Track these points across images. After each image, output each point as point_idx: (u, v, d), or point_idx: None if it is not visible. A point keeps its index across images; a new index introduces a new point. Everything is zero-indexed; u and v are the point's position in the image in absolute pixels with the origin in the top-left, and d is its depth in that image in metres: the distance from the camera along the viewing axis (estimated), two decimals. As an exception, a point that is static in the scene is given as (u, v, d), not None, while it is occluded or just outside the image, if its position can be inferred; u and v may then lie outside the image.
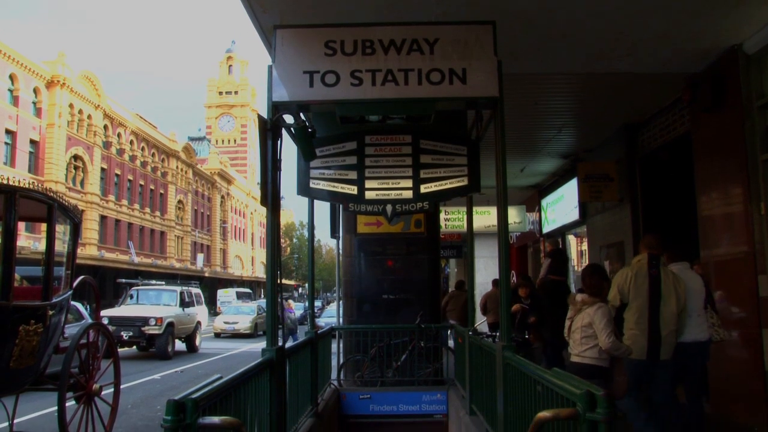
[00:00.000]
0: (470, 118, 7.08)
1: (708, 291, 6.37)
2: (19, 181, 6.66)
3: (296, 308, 38.90)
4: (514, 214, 17.20)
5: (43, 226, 7.18)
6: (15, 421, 7.12)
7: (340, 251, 11.78)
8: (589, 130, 11.29)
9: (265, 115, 5.24)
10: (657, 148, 9.85)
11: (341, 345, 10.71)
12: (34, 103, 38.24)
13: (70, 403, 7.29)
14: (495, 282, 13.41)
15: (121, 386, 8.62)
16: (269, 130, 5.15)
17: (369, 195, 6.46)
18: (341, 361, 10.56)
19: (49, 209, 6.89)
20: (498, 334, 7.99)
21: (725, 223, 7.53)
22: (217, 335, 30.17)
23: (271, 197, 5.06)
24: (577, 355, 5.70)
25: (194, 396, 3.08)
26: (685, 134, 8.67)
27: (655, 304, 5.80)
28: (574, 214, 13.42)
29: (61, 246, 7.75)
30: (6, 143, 35.39)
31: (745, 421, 6.88)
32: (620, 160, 10.77)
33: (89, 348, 7.81)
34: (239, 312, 32.86)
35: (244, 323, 30.95)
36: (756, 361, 6.76)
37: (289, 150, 11.52)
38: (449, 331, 11.76)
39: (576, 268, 15.02)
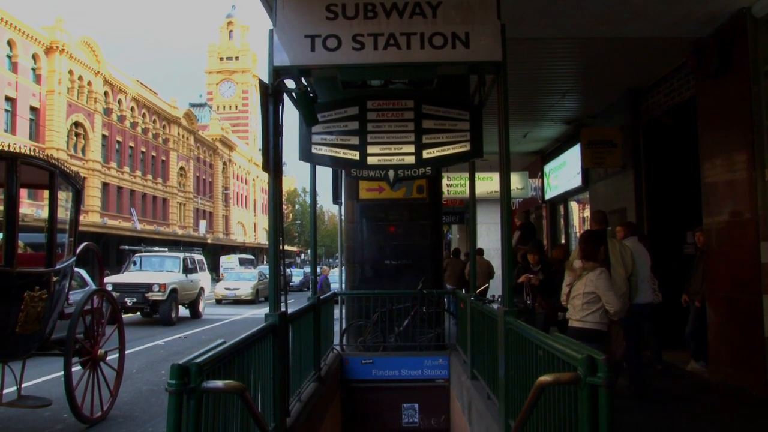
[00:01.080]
0: (473, 83, 7.03)
1: (652, 260, 7.22)
2: (20, 148, 6.65)
3: (297, 273, 39.03)
4: (516, 180, 17.17)
5: (46, 194, 7.18)
6: (22, 385, 7.21)
7: (342, 217, 11.78)
8: (593, 96, 11.20)
9: (266, 80, 5.20)
10: (661, 114, 9.78)
11: (344, 311, 10.78)
12: (34, 70, 37.99)
13: (76, 368, 7.37)
14: (480, 251, 13.89)
15: (126, 352, 8.71)
16: (270, 96, 5.11)
17: (371, 160, 6.44)
18: (344, 326, 10.63)
19: (50, 176, 6.88)
20: (496, 298, 8.14)
21: (728, 190, 7.51)
22: (218, 301, 30.28)
23: (273, 163, 5.04)
24: (578, 320, 5.71)
25: (198, 360, 3.10)
26: (690, 100, 8.60)
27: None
28: (576, 181, 13.37)
29: (63, 213, 7.76)
30: (6, 110, 35.25)
31: (744, 386, 6.94)
32: (624, 126, 10.70)
33: (93, 314, 7.87)
34: (240, 278, 32.86)
35: (245, 289, 30.98)
36: (756, 327, 6.80)
37: (290, 116, 11.47)
38: (451, 297, 11.83)
39: (577, 234, 15.03)
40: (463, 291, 11.50)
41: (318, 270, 5.36)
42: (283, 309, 5.26)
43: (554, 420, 3.61)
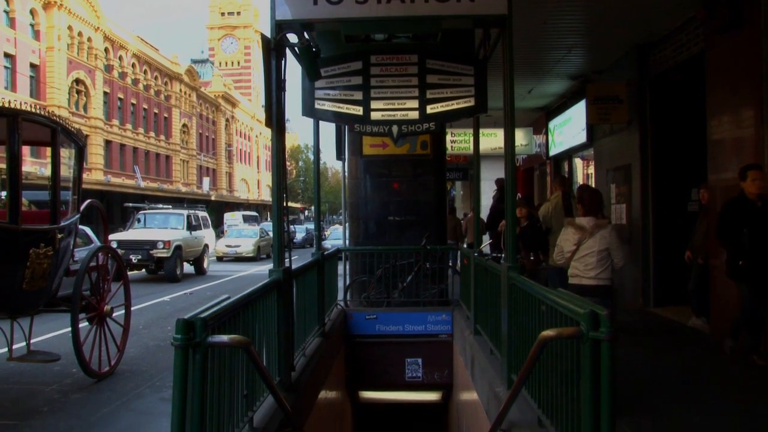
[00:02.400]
0: (477, 38, 6.93)
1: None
2: (20, 105, 6.60)
3: (300, 230, 38.98)
4: (520, 137, 17.05)
5: (48, 151, 7.15)
6: (31, 341, 7.29)
7: (346, 173, 11.75)
8: (599, 51, 11.04)
9: (268, 35, 5.13)
10: (669, 69, 9.64)
11: (348, 266, 10.83)
12: (32, 26, 37.53)
13: (83, 324, 7.44)
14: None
15: (132, 308, 8.78)
16: (273, 50, 5.05)
17: (375, 115, 6.40)
18: (347, 282, 10.69)
19: (52, 133, 6.85)
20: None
21: (735, 147, 7.44)
22: (219, 259, 30.17)
23: (276, 119, 5.01)
24: (593, 278, 5.66)
25: (203, 315, 3.13)
26: (699, 54, 8.46)
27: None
28: (581, 137, 13.28)
29: (66, 171, 7.74)
30: (5, 67, 34.95)
31: (744, 345, 6.99)
32: (630, 82, 10.57)
33: (99, 271, 7.91)
34: (241, 235, 32.64)
35: (246, 246, 30.79)
36: (758, 283, 6.81)
37: (293, 71, 11.33)
38: (455, 253, 11.87)
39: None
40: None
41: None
42: (287, 265, 5.29)
43: (556, 374, 3.65)
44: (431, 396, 11.08)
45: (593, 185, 13.18)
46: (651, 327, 8.93)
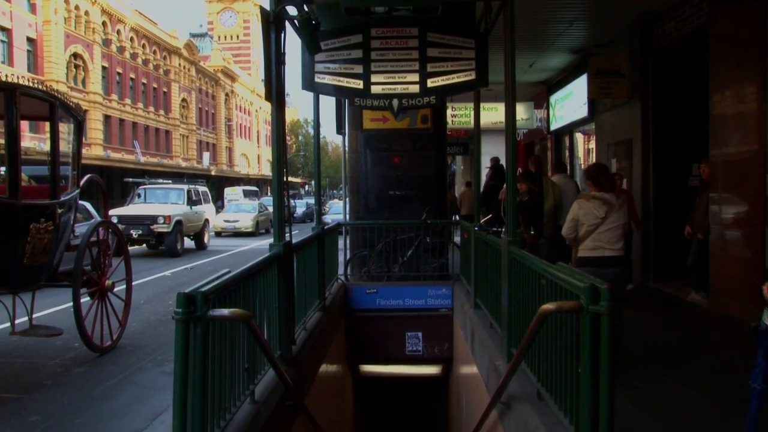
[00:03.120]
0: (478, 11, 6.86)
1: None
2: (18, 79, 6.55)
3: (300, 205, 38.87)
4: (521, 111, 16.98)
5: (47, 126, 7.12)
6: (33, 316, 7.33)
7: (346, 148, 11.71)
8: (601, 24, 10.94)
9: (267, 7, 5.07)
10: (671, 42, 9.56)
11: (348, 241, 10.84)
12: (28, -1, 37.17)
13: (85, 299, 7.47)
14: (468, 183, 14.94)
15: (133, 283, 8.81)
16: (272, 23, 5.00)
17: (375, 89, 6.36)
18: (348, 256, 10.71)
19: (51, 107, 6.81)
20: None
21: (737, 122, 7.41)
22: (218, 234, 29.65)
23: (275, 93, 4.98)
24: (618, 249, 5.83)
25: (204, 289, 3.13)
26: (702, 28, 8.38)
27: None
28: (582, 111, 13.23)
29: (65, 146, 7.71)
30: (2, 41, 34.66)
31: (744, 319, 7.02)
32: (632, 56, 10.49)
33: (100, 245, 7.92)
34: (240, 210, 32.25)
35: (244, 221, 30.49)
36: (757, 260, 6.83)
37: (293, 45, 11.24)
38: (455, 227, 11.88)
39: (582, 166, 14.96)
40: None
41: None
42: (287, 239, 5.29)
43: (556, 348, 3.67)
44: (431, 370, 11.15)
45: (594, 160, 13.17)
46: (650, 301, 8.97)
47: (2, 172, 6.91)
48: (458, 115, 16.84)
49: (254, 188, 54.06)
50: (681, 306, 8.31)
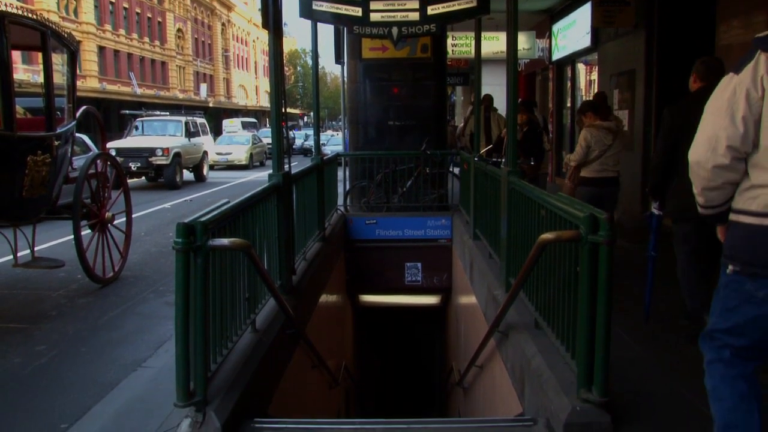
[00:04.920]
0: (481, -67, 6.64)
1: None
2: (5, 7, 6.38)
3: (299, 136, 38.33)
4: (523, 41, 16.63)
5: (40, 57, 6.98)
6: (35, 248, 7.37)
7: (345, 78, 11.56)
8: (607, -52, 10.61)
9: (261, -70, 4.91)
10: (679, -32, 9.29)
11: (347, 172, 10.82)
12: (15, -77, 35.94)
13: (86, 232, 7.50)
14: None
15: (133, 215, 8.83)
16: (267, -53, 4.84)
17: (374, 17, 6.22)
18: (347, 187, 10.71)
19: (42, 36, 6.66)
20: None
21: (743, 52, 7.27)
22: (210, 167, 28.17)
23: (272, 20, 4.86)
24: (617, 171, 6.62)
25: (203, 219, 3.13)
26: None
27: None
28: (585, 41, 12.96)
29: (60, 78, 7.58)
30: (-9, -32, 33.69)
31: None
32: (638, -18, 10.21)
33: (98, 178, 7.90)
34: (233, 142, 31.32)
35: (237, 154, 29.75)
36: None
37: (288, -29, 10.95)
38: (454, 158, 11.84)
39: (583, 97, 14.77)
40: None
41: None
42: (286, 169, 5.27)
43: (554, 278, 3.70)
44: (430, 299, 11.31)
45: (596, 91, 13.00)
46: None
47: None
48: (458, 44, 16.52)
49: (253, 120, 53.57)
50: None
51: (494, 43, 15.86)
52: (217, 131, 38.95)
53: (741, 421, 2.46)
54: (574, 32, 13.83)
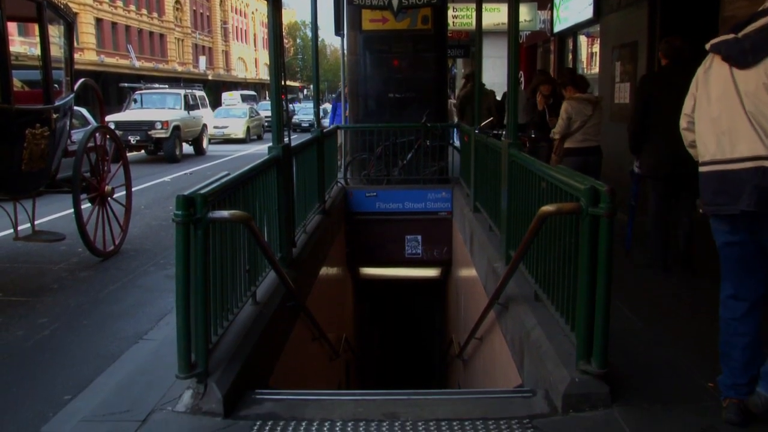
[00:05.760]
0: None
1: None
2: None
3: (300, 109, 38.09)
4: (524, 12, 16.44)
5: (36, 29, 6.90)
6: (36, 222, 7.36)
7: (345, 50, 11.47)
8: None
9: None
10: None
11: (347, 144, 10.78)
12: None
13: (86, 206, 7.49)
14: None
15: (133, 189, 8.80)
16: None
17: (374, -13, 6.15)
18: (347, 160, 10.68)
19: (38, 7, 6.58)
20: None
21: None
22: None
23: (270, -10, 4.81)
24: (598, 140, 6.77)
25: (203, 191, 3.13)
26: None
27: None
28: (587, 12, 12.81)
29: (57, 51, 7.51)
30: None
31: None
32: (642, -50, 10.07)
33: (98, 151, 7.87)
34: (229, 115, 30.50)
35: (234, 127, 29.09)
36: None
37: (287, -59, 10.83)
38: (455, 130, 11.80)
39: (585, 70, 14.66)
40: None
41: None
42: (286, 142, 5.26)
43: (554, 250, 3.70)
44: (430, 272, 11.35)
45: (598, 63, 12.90)
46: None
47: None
48: (459, 16, 16.39)
49: (252, 92, 53.25)
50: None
51: (495, 15, 15.72)
52: (216, 104, 38.77)
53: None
54: (576, 4, 13.67)
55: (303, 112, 32.78)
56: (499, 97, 12.13)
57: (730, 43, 2.88)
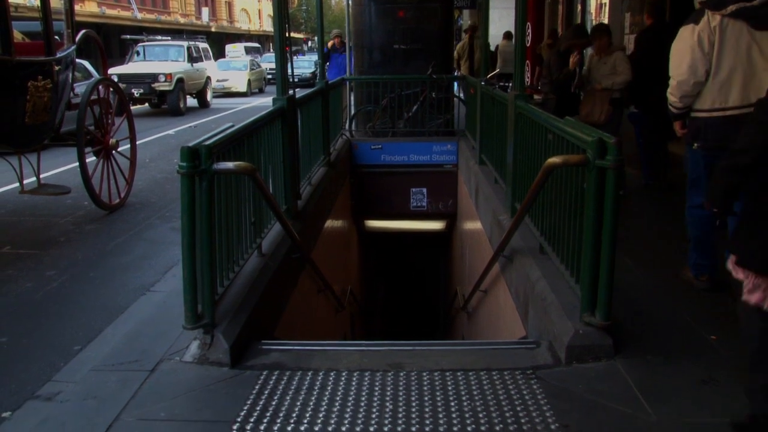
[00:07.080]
0: None
1: None
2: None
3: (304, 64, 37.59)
4: (532, -40, 16.13)
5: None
6: (41, 176, 7.36)
7: (350, 1, 11.28)
8: None
9: None
10: None
11: (352, 97, 10.69)
12: None
13: (91, 159, 7.48)
14: (507, 34, 14.91)
15: (137, 142, 8.77)
16: None
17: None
18: (353, 112, 10.60)
19: (37, -44, 6.48)
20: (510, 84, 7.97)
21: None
22: None
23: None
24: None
25: (208, 143, 3.11)
26: None
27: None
28: (597, -40, 12.58)
29: (57, 2, 7.41)
30: None
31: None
32: None
33: (101, 104, 7.81)
34: (230, 68, 29.70)
35: (235, 80, 28.45)
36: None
37: None
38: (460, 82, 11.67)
39: (593, 22, 14.40)
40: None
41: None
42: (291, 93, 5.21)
43: (560, 203, 3.68)
44: (436, 225, 11.37)
45: (607, 14, 12.68)
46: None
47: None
48: (466, -36, 16.06)
49: (256, 45, 52.64)
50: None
51: (503, -36, 15.40)
52: (220, 56, 38.33)
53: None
54: (585, -49, 13.40)
55: (296, 65, 32.06)
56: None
57: (751, 9, 3.53)
